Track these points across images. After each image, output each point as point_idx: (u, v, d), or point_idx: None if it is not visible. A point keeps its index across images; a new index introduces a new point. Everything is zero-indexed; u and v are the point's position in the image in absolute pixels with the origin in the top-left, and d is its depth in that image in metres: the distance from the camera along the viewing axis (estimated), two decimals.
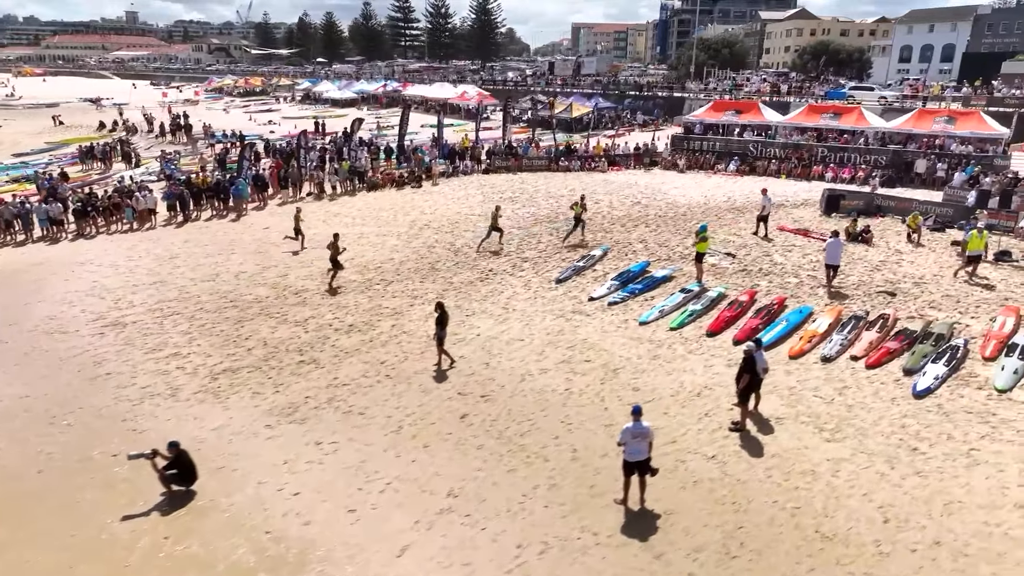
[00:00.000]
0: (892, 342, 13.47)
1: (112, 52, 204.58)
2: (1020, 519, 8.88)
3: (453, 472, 10.27)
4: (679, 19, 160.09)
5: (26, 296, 17.37)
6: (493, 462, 10.52)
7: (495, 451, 10.79)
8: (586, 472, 10.15)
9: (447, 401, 12.29)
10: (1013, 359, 12.45)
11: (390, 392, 12.62)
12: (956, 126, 30.33)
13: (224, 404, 12.30)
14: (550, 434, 11.19)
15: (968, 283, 16.00)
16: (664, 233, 21.56)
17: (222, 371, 13.50)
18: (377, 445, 10.97)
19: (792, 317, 14.82)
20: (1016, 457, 10.09)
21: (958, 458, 10.18)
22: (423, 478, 10.15)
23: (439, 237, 22.17)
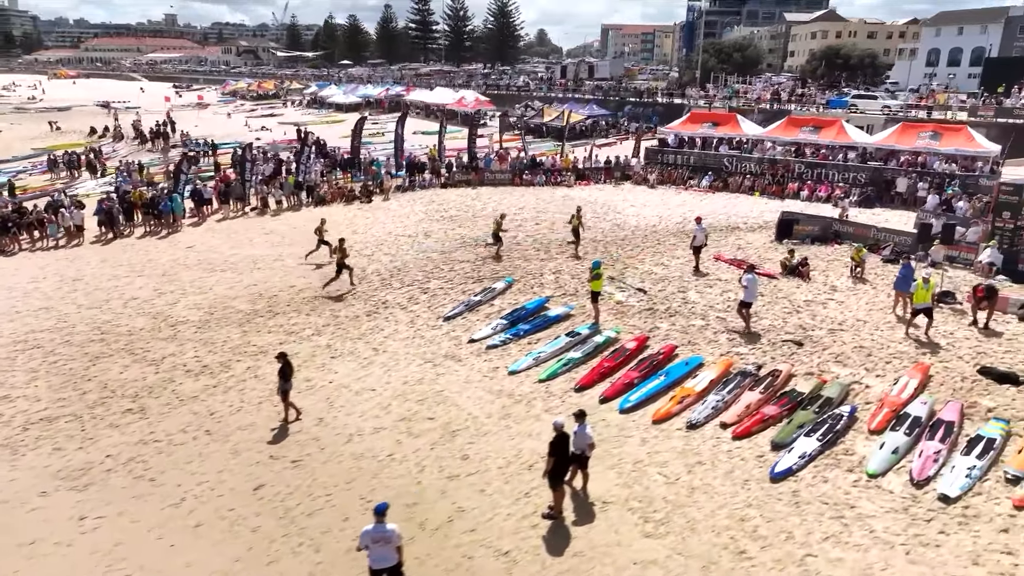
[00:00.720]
0: (772, 406, 11.85)
1: (147, 55, 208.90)
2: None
3: (208, 562, 9.04)
4: (705, 21, 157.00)
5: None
6: (260, 550, 9.27)
7: (269, 535, 9.53)
8: (354, 571, 8.80)
9: (252, 467, 11.08)
10: (898, 434, 10.76)
11: (197, 453, 11.45)
12: (941, 142, 28.12)
13: (15, 462, 11.26)
14: (341, 514, 9.90)
15: (918, 340, 14.17)
16: (588, 262, 20.00)
17: (40, 419, 12.49)
18: (145, 523, 9.80)
19: (675, 370, 13.26)
20: (855, 570, 8.46)
21: (788, 567, 8.60)
22: (169, 570, 8.94)
23: (355, 261, 20.92)
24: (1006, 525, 8.96)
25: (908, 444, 10.58)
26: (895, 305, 15.67)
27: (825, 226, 22.38)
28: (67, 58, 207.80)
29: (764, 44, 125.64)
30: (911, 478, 9.93)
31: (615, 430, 11.73)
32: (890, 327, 14.94)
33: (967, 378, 12.53)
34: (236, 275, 20.22)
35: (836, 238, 22.18)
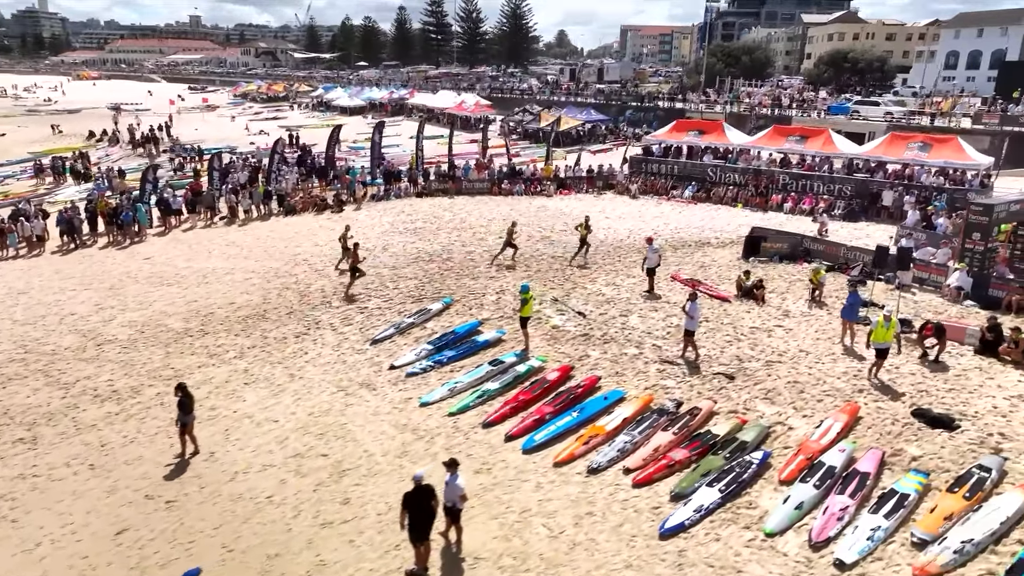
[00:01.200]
0: (682, 450, 11.08)
1: (168, 56, 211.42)
2: None
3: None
4: (723, 22, 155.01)
5: None
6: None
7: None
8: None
9: (123, 507, 10.55)
10: (807, 486, 9.94)
11: (73, 491, 10.95)
12: (929, 154, 26.92)
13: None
14: (195, 566, 9.29)
15: (860, 375, 13.27)
16: (538, 281, 19.27)
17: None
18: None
19: (591, 405, 12.53)
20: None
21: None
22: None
23: (304, 276, 20.47)
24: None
25: (815, 499, 9.75)
26: (843, 335, 14.76)
27: (794, 243, 21.41)
28: (92, 59, 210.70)
29: (781, 46, 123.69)
30: (810, 539, 9.11)
31: (512, 473, 11.04)
32: (832, 359, 14.04)
33: (899, 421, 11.63)
34: (181, 290, 19.81)
35: (806, 256, 21.20)
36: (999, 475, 9.90)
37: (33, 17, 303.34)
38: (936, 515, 9.13)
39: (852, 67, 63.65)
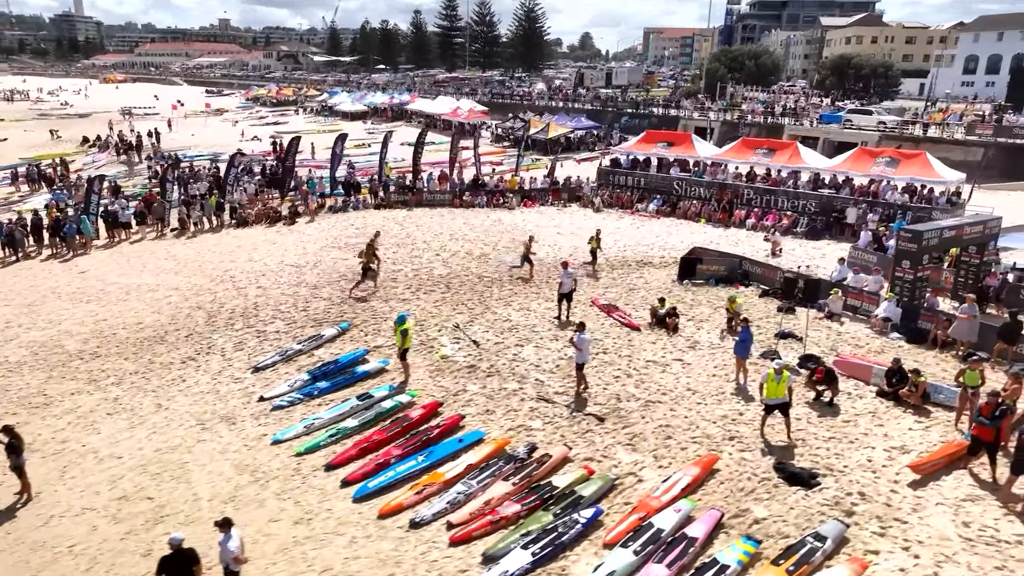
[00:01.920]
0: (514, 504, 10.32)
1: (194, 59, 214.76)
2: None
3: None
4: (744, 25, 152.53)
5: None
6: None
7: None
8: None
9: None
10: (627, 552, 9.13)
11: None
12: (897, 169, 25.66)
13: None
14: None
15: (737, 421, 12.38)
16: (450, 304, 18.59)
17: None
18: None
19: (441, 449, 11.82)
20: None
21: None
22: None
23: (223, 295, 20.05)
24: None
25: (630, 567, 8.94)
26: (736, 373, 13.86)
27: (732, 266, 20.43)
28: (121, 63, 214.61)
29: (800, 49, 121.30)
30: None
31: (332, 524, 10.39)
32: (718, 400, 13.16)
33: (757, 475, 10.76)
34: (98, 307, 19.51)
35: (744, 280, 20.24)
36: (834, 546, 9.00)
37: (69, 21, 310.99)
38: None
39: (856, 73, 61.74)
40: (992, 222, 17.93)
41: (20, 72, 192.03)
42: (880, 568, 8.76)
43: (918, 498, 10.11)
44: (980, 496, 10.15)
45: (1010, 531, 9.35)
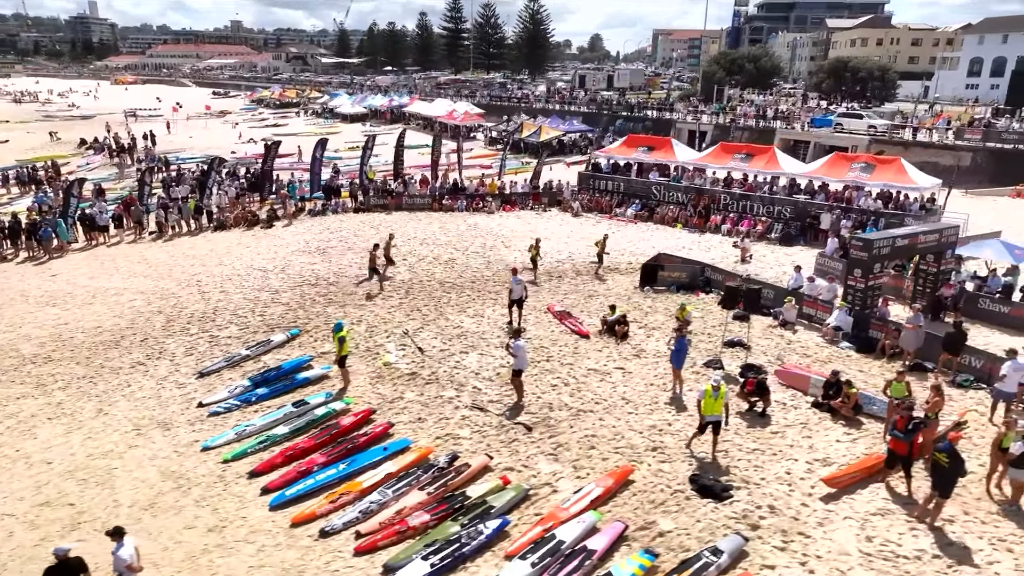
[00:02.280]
0: (424, 514, 10.34)
1: (205, 60, 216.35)
2: None
3: None
4: (752, 27, 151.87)
5: None
6: None
7: None
8: None
9: None
10: (524, 564, 9.11)
11: None
12: (872, 175, 25.46)
13: None
14: None
15: (663, 431, 12.34)
16: (404, 310, 18.64)
17: None
18: None
19: (364, 457, 11.86)
20: None
21: None
22: None
23: (186, 298, 20.20)
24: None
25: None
26: (673, 383, 13.80)
27: (694, 273, 20.36)
28: (133, 64, 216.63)
29: (806, 51, 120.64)
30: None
31: (244, 532, 10.44)
32: (650, 411, 13.11)
33: (671, 487, 10.71)
34: (62, 310, 19.70)
35: (705, 287, 20.15)
36: (730, 560, 8.95)
37: (84, 23, 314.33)
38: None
39: (854, 76, 61.24)
40: (949, 230, 17.75)
41: (34, 73, 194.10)
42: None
43: (828, 511, 10.04)
44: (891, 510, 10.06)
45: (912, 546, 9.27)
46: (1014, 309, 17.18)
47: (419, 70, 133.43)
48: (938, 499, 9.76)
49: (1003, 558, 9.10)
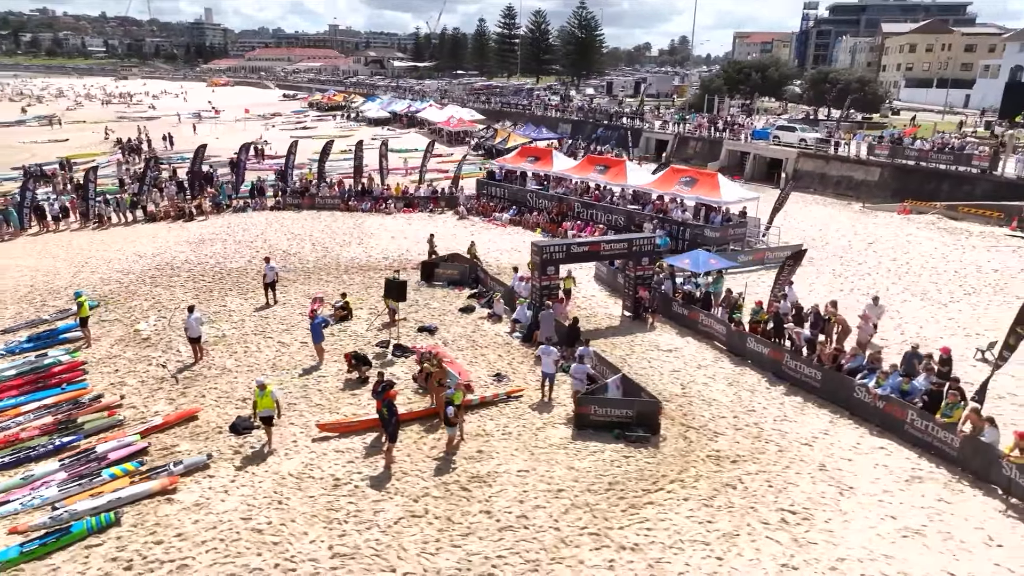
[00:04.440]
0: (35, 431, 14.17)
1: (295, 64, 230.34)
2: None
3: None
4: (819, 30, 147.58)
5: None
6: None
7: None
8: None
9: None
10: (56, 462, 12.79)
11: None
12: (692, 189, 27.31)
13: None
14: None
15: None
16: (190, 293, 22.38)
17: None
18: None
19: (48, 392, 15.81)
20: None
21: None
22: None
23: (42, 277, 24.60)
24: None
25: (51, 469, 12.59)
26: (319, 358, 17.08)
27: (464, 271, 23.25)
28: (233, 67, 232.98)
29: (863, 57, 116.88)
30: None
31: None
32: (270, 375, 16.42)
33: (215, 425, 14.06)
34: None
35: (473, 284, 22.99)
36: (184, 468, 12.28)
37: (199, 28, 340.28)
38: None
39: (832, 86, 60.34)
40: (643, 240, 19.95)
41: (149, 76, 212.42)
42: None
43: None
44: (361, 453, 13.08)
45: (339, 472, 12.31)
46: (691, 312, 19.27)
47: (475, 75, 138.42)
48: (389, 444, 12.73)
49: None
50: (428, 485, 12.12)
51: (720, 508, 11.57)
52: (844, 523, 11.21)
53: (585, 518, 11.25)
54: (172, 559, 10.25)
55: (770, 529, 11.06)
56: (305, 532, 10.84)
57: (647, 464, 12.88)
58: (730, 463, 12.93)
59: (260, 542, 10.63)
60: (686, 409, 15.01)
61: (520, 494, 11.88)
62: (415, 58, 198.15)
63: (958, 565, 10.26)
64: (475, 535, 10.82)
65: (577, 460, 12.96)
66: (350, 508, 11.46)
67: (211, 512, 11.36)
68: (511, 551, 10.47)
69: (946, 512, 11.48)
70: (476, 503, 11.62)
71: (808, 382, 15.75)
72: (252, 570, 10.03)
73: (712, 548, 10.59)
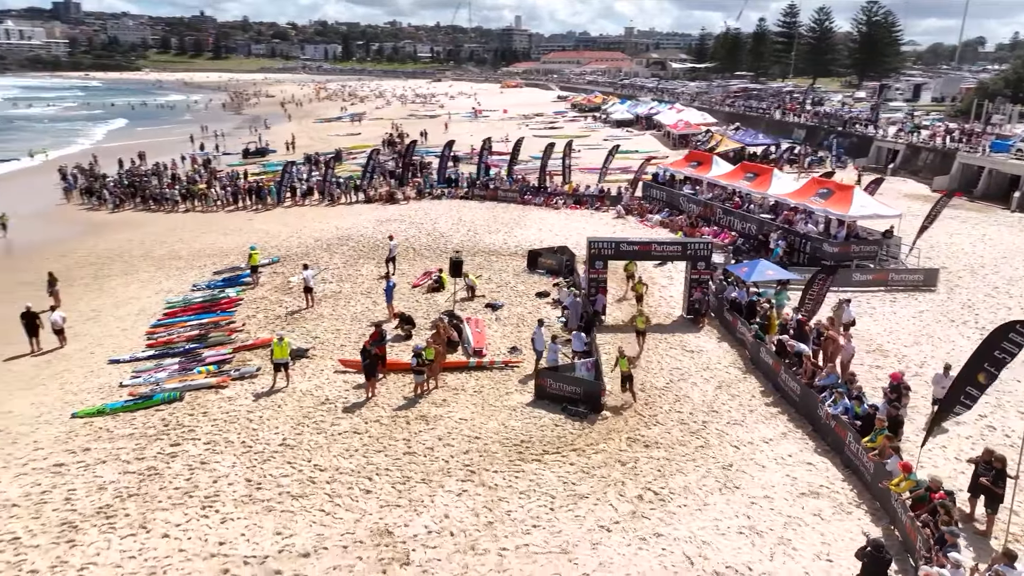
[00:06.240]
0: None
1: (582, 67, 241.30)
2: None
3: None
4: None
5: None
6: None
7: None
8: None
9: None
10: (175, 361, 18.44)
11: None
12: (826, 202, 25.98)
13: None
14: None
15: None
16: (350, 262, 27.75)
17: None
18: None
19: (213, 313, 22.00)
20: None
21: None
22: None
23: (286, 239, 32.28)
24: None
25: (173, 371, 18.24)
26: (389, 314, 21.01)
27: (560, 262, 25.53)
28: (528, 70, 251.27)
29: None
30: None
31: None
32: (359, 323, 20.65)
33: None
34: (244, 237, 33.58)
35: (568, 274, 25.23)
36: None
37: (508, 34, 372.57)
38: None
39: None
40: (698, 244, 20.42)
41: (457, 79, 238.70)
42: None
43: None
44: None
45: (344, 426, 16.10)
46: (733, 319, 19.54)
47: (752, 75, 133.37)
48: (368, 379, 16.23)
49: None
50: (383, 415, 15.30)
51: (593, 476, 12.98)
52: (692, 511, 11.96)
53: (475, 459, 13.52)
54: (198, 425, 14.86)
55: (620, 500, 12.28)
56: (277, 427, 14.75)
57: (569, 433, 14.55)
58: (643, 447, 14.02)
59: (252, 428, 14.78)
60: (651, 399, 16.03)
61: (444, 435, 14.48)
62: (697, 59, 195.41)
63: (761, 565, 10.65)
64: (384, 453, 13.78)
65: (513, 420, 15.09)
66: (318, 418, 15.14)
67: (237, 404, 15.84)
68: (399, 468, 13.23)
69: (807, 526, 11.56)
70: (404, 433, 14.53)
71: (791, 396, 15.66)
72: (229, 441, 14.17)
73: (555, 501, 12.22)
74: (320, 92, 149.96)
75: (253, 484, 12.75)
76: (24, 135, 78.68)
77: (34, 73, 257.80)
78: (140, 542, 11.20)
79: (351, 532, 11.43)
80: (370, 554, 10.92)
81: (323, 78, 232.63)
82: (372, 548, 11.04)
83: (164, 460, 13.60)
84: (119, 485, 12.78)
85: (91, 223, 36.82)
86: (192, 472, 13.16)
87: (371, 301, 22.77)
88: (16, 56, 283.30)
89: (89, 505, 12.23)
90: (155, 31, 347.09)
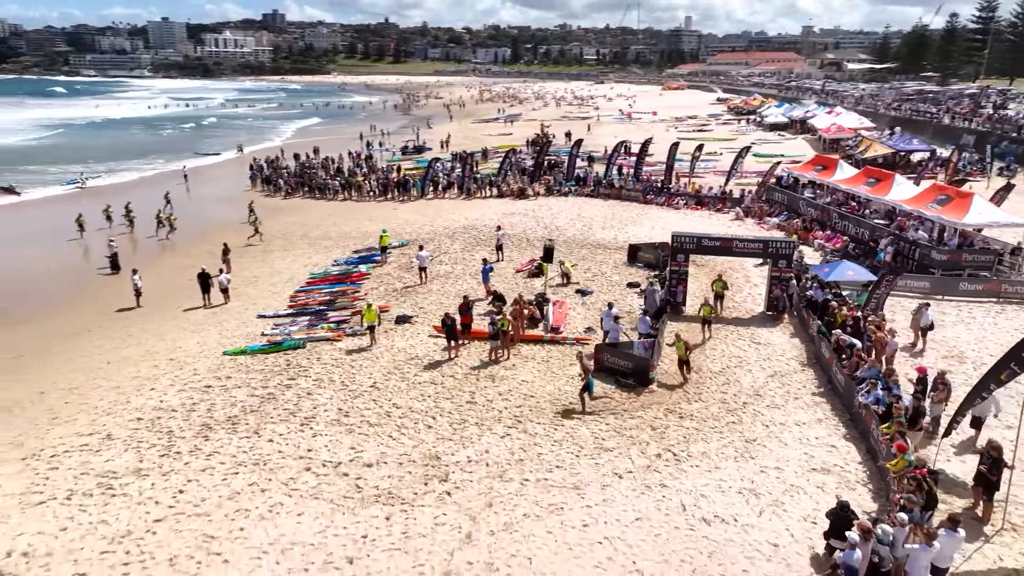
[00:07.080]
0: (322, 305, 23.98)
1: (751, 68, 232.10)
2: None
3: None
4: None
5: None
6: None
7: None
8: None
9: None
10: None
11: None
12: (942, 208, 25.15)
13: None
14: None
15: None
16: (464, 249, 30.64)
17: None
18: None
19: (341, 285, 25.79)
20: None
21: None
22: None
23: (422, 226, 36.13)
24: None
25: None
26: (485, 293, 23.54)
27: (657, 256, 26.81)
28: (693, 72, 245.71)
29: None
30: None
31: None
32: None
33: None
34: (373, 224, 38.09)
35: (664, 268, 26.49)
36: None
37: (676, 35, 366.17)
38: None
39: None
40: (780, 243, 20.97)
41: (620, 81, 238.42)
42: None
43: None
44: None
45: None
46: (807, 316, 20.09)
47: (937, 75, 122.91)
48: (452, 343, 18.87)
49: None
50: (459, 372, 17.83)
51: (623, 435, 14.66)
52: (702, 471, 13.33)
53: (525, 412, 15.66)
54: (311, 367, 18.26)
55: (640, 456, 13.89)
56: (371, 373, 17.79)
57: (614, 401, 16.26)
58: (677, 417, 15.45)
59: (351, 372, 17.94)
60: (703, 380, 17.27)
61: (505, 392, 16.75)
62: (879, 60, 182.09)
63: (747, 519, 11.90)
64: (451, 400, 16.33)
65: (568, 386, 17.01)
66: (405, 369, 18.00)
67: (345, 354, 19.10)
68: (459, 412, 15.69)
69: (806, 495, 12.55)
70: (471, 387, 16.97)
71: (838, 387, 16.28)
72: (332, 380, 17.36)
73: (582, 451, 14.08)
74: (484, 94, 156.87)
75: (342, 412, 15.78)
76: (233, 132, 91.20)
77: (243, 77, 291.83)
78: (252, 443, 14.53)
79: (407, 454, 14.04)
80: (418, 471, 13.44)
81: (490, 80, 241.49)
82: (421, 467, 13.56)
83: (281, 389, 17.04)
84: (246, 403, 16.32)
85: (266, 207, 42.75)
86: (299, 399, 16.46)
87: (476, 282, 25.45)
88: (230, 62, 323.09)
89: (223, 415, 15.82)
90: (344, 37, 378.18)
